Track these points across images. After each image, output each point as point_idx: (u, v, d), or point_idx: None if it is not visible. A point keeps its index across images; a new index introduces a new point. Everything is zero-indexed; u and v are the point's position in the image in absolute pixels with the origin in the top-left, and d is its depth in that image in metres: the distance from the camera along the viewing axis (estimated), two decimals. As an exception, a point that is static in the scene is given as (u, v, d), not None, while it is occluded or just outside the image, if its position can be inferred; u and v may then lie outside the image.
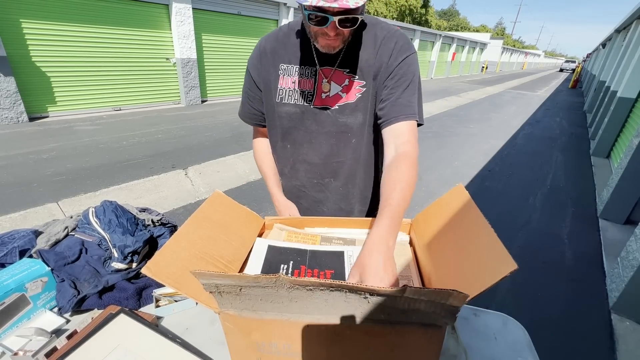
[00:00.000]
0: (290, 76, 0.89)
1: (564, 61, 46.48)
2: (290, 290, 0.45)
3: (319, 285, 0.43)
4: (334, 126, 0.89)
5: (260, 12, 8.16)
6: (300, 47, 0.86)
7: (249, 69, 0.94)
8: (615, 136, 4.94)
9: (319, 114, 0.89)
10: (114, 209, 0.97)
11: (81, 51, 5.51)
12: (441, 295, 0.40)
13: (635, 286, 1.92)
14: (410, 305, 0.43)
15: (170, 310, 0.78)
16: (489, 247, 0.50)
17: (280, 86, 0.90)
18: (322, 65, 0.85)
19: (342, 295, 0.44)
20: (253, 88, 0.95)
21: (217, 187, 3.52)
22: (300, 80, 0.88)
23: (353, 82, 0.85)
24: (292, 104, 0.90)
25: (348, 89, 0.86)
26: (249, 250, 0.69)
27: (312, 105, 0.88)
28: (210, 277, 0.44)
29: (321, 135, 0.91)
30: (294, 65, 0.88)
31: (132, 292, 0.82)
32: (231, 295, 0.47)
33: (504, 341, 0.74)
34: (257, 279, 0.43)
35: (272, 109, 0.94)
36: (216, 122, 5.82)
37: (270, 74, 0.90)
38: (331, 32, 0.72)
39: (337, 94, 0.87)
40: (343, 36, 0.75)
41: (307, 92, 0.88)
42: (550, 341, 1.81)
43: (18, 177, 3.22)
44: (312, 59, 0.85)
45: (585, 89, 15.08)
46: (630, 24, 7.45)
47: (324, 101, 0.88)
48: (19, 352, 0.63)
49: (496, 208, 3.40)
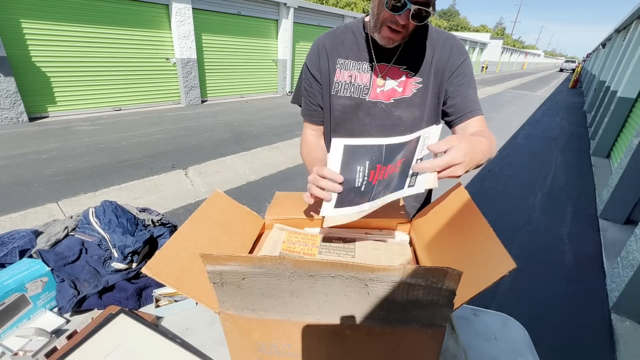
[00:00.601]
0: (347, 70, 0.93)
1: (564, 61, 46.50)
2: (292, 279, 0.45)
3: (321, 268, 0.43)
4: (388, 119, 0.92)
5: (260, 12, 8.16)
6: (358, 44, 0.91)
7: (307, 67, 0.98)
8: (615, 136, 4.94)
9: (372, 107, 0.92)
10: (114, 209, 0.97)
11: (81, 51, 5.51)
12: (437, 275, 0.41)
13: (635, 286, 1.92)
14: (408, 294, 0.43)
15: (170, 310, 0.78)
16: (488, 247, 0.50)
17: (336, 79, 0.94)
18: (379, 62, 0.89)
19: (342, 286, 0.44)
20: (312, 82, 0.98)
21: (217, 187, 3.52)
22: (356, 74, 0.92)
23: (409, 78, 0.89)
24: (347, 97, 0.93)
25: (404, 85, 0.89)
26: (249, 251, 0.70)
27: (367, 99, 0.92)
28: (218, 260, 0.44)
29: (373, 128, 0.94)
30: (351, 61, 0.92)
31: (132, 292, 0.82)
32: (233, 288, 0.47)
33: (504, 341, 0.74)
34: (262, 261, 0.44)
35: (327, 102, 0.97)
36: (216, 122, 5.82)
37: (327, 68, 0.94)
38: (402, 21, 0.74)
39: (393, 89, 0.90)
40: (406, 31, 0.78)
41: (362, 86, 0.92)
42: (550, 341, 1.81)
43: (18, 177, 3.23)
44: (369, 55, 0.90)
45: (585, 89, 15.08)
46: (630, 24, 7.45)
47: (378, 95, 0.91)
48: (19, 352, 0.63)
49: (496, 208, 3.40)
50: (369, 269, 0.41)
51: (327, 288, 0.45)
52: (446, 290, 0.42)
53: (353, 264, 0.42)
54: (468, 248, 0.55)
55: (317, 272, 0.44)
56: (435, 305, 0.44)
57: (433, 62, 0.87)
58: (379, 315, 0.46)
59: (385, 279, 0.42)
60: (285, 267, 0.44)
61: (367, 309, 0.46)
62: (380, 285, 0.43)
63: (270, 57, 8.98)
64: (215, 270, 0.46)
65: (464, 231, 0.60)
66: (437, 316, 0.45)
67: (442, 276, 0.41)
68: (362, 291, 0.44)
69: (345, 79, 0.93)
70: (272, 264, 0.44)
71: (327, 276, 0.44)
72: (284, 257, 0.43)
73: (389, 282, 0.43)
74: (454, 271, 0.40)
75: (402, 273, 0.41)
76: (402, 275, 0.41)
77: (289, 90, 9.69)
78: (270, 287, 0.47)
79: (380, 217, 0.76)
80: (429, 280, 0.41)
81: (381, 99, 0.91)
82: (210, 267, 0.45)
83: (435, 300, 0.43)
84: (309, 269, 0.44)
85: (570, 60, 44.79)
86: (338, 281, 0.44)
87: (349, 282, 0.44)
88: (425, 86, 0.89)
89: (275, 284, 0.46)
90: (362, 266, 0.42)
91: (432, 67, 0.88)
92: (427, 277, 0.41)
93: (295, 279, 0.45)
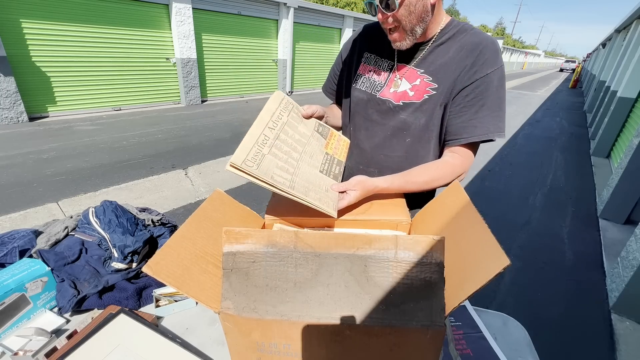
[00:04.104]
0: (369, 65, 0.95)
1: (564, 61, 46.48)
2: (299, 264, 0.48)
3: (326, 243, 0.48)
4: (393, 121, 0.91)
5: (260, 12, 8.15)
6: (385, 41, 0.89)
7: (341, 50, 1.05)
8: (615, 136, 4.94)
9: (382, 105, 0.92)
10: (114, 209, 0.97)
11: (81, 51, 5.51)
12: (423, 245, 0.45)
13: (635, 286, 1.92)
14: (404, 277, 0.46)
15: (170, 310, 0.78)
16: (483, 244, 0.51)
17: (358, 72, 0.97)
18: (400, 62, 0.89)
19: (343, 272, 0.47)
20: (339, 66, 1.06)
21: (217, 187, 3.50)
22: (376, 70, 0.94)
23: (425, 83, 0.86)
24: (363, 90, 0.95)
25: (417, 89, 0.87)
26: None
27: (377, 95, 0.92)
28: (238, 237, 0.48)
29: (378, 125, 0.94)
30: (376, 56, 0.94)
31: (132, 292, 0.82)
32: (240, 277, 0.48)
33: (504, 341, 0.74)
34: (275, 238, 0.48)
35: (348, 92, 1.01)
36: (216, 122, 5.82)
37: (354, 59, 0.99)
38: (380, 18, 0.77)
39: (405, 91, 0.88)
40: (400, 28, 0.78)
41: (377, 83, 0.93)
42: (550, 341, 1.81)
43: (18, 177, 3.23)
44: (391, 54, 0.90)
45: (585, 88, 15.08)
46: (630, 24, 7.45)
47: (390, 95, 0.90)
48: (19, 352, 0.63)
49: (496, 208, 3.40)
50: (366, 239, 0.47)
51: (329, 278, 0.47)
52: (435, 264, 0.45)
53: (353, 235, 0.47)
54: (463, 247, 0.55)
55: (322, 250, 0.48)
56: (429, 286, 0.45)
57: (455, 71, 0.82)
58: (379, 309, 0.46)
59: (382, 255, 0.47)
60: (295, 243, 0.48)
61: (367, 301, 0.47)
62: (378, 268, 0.47)
63: (270, 57, 8.98)
64: (231, 251, 0.49)
65: (460, 229, 0.60)
66: (435, 310, 0.45)
67: (428, 245, 0.45)
68: (362, 278, 0.46)
69: (366, 73, 0.95)
70: (285, 240, 0.48)
71: (330, 257, 0.47)
72: (298, 231, 0.48)
73: (385, 259, 0.47)
74: (434, 238, 0.45)
75: (395, 243, 0.46)
76: (396, 245, 0.46)
77: (289, 90, 9.69)
78: (276, 275, 0.48)
79: (381, 217, 0.76)
80: (418, 250, 0.46)
81: (390, 99, 0.90)
82: (228, 247, 0.49)
83: (428, 279, 0.45)
84: (315, 244, 0.48)
85: (570, 60, 44.77)
86: (340, 266, 0.47)
87: (350, 265, 0.47)
88: (438, 94, 0.84)
89: (281, 271, 0.48)
90: (360, 236, 0.47)
91: (450, 75, 0.82)
92: (415, 247, 0.46)
93: (301, 263, 0.48)
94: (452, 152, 0.88)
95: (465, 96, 0.82)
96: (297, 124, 0.83)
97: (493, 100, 0.81)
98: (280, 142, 0.75)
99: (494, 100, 0.81)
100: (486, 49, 0.80)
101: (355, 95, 0.97)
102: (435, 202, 0.73)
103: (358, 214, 0.79)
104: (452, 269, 0.55)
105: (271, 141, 0.72)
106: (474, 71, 0.80)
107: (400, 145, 0.93)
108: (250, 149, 0.68)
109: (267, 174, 0.66)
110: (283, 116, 0.80)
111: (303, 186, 0.71)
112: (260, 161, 0.67)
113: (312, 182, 0.74)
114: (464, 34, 0.83)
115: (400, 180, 0.82)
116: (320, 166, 0.81)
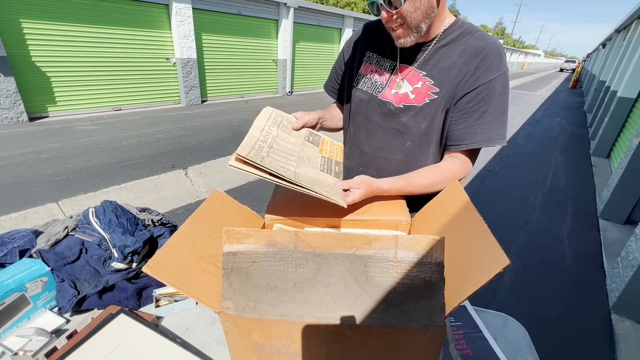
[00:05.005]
0: (371, 65, 0.93)
1: (564, 61, 46.44)
2: (299, 263, 0.48)
3: (326, 242, 0.47)
4: (394, 123, 0.90)
5: (260, 12, 8.15)
6: (388, 40, 0.88)
7: (343, 48, 1.04)
8: (615, 136, 4.94)
9: (382, 107, 0.91)
10: (114, 209, 0.97)
11: (81, 51, 5.51)
12: (423, 245, 0.45)
13: (635, 286, 1.92)
14: (404, 277, 0.45)
15: (170, 310, 0.78)
16: (482, 244, 0.51)
17: (360, 72, 0.96)
18: (402, 62, 0.87)
19: (343, 271, 0.47)
20: (341, 64, 1.04)
21: (217, 187, 3.51)
22: (377, 70, 0.92)
23: (427, 86, 0.84)
24: (364, 91, 0.94)
25: (418, 92, 0.85)
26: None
27: (378, 96, 0.91)
28: (238, 237, 0.48)
29: (378, 127, 0.93)
30: (378, 56, 0.92)
31: (132, 292, 0.82)
32: (240, 277, 0.48)
33: (504, 341, 0.74)
34: (275, 237, 0.47)
35: (349, 92, 1.00)
36: (216, 122, 5.82)
37: (356, 58, 0.97)
38: (384, 17, 0.75)
39: (406, 94, 0.86)
40: (405, 25, 0.76)
41: (378, 83, 0.91)
42: (550, 341, 1.81)
43: (18, 177, 3.23)
44: (394, 54, 0.88)
45: (585, 88, 15.07)
46: (630, 24, 7.45)
47: (391, 96, 0.89)
48: (19, 352, 0.63)
49: (496, 208, 3.40)
50: (366, 239, 0.47)
51: (329, 278, 0.47)
52: (435, 264, 0.45)
53: (353, 235, 0.47)
54: (463, 246, 0.55)
55: (322, 249, 0.47)
56: (429, 286, 0.45)
57: (457, 75, 0.80)
58: (378, 309, 0.46)
59: (382, 255, 0.46)
60: (295, 243, 0.48)
61: (367, 301, 0.47)
62: (378, 268, 0.46)
63: (270, 57, 8.97)
64: (231, 251, 0.48)
65: (459, 229, 0.60)
66: (435, 310, 0.45)
67: (428, 245, 0.45)
68: (362, 278, 0.46)
69: (367, 73, 0.94)
70: (285, 240, 0.48)
71: (330, 257, 0.47)
72: (298, 231, 0.48)
73: (385, 259, 0.46)
74: (433, 238, 0.45)
75: (395, 243, 0.46)
76: (396, 245, 0.46)
77: (289, 90, 9.69)
78: (276, 275, 0.48)
79: (381, 217, 0.76)
80: (418, 250, 0.45)
81: (392, 101, 0.88)
82: (228, 247, 0.48)
83: (428, 279, 0.45)
84: (315, 244, 0.48)
85: (570, 60, 44.73)
86: (340, 266, 0.47)
87: (350, 265, 0.47)
88: (439, 98, 0.82)
89: (282, 271, 0.48)
90: (360, 236, 0.47)
91: (453, 79, 0.80)
92: (415, 247, 0.45)
93: (301, 263, 0.47)
94: (452, 156, 0.87)
95: (468, 102, 0.80)
96: (287, 135, 0.83)
97: (495, 107, 0.80)
98: (275, 151, 0.75)
99: (496, 107, 0.80)
100: (490, 54, 0.78)
101: (356, 96, 0.96)
102: (435, 202, 0.73)
103: (358, 214, 0.79)
104: (452, 269, 0.55)
105: (266, 150, 0.72)
106: (477, 77, 0.78)
107: (400, 148, 0.92)
108: (252, 146, 0.69)
109: (272, 165, 0.67)
110: (273, 130, 0.80)
111: (308, 180, 0.71)
112: (262, 159, 0.68)
113: (315, 179, 0.74)
114: (468, 36, 0.81)
115: (402, 183, 0.82)
116: (320, 167, 0.81)
